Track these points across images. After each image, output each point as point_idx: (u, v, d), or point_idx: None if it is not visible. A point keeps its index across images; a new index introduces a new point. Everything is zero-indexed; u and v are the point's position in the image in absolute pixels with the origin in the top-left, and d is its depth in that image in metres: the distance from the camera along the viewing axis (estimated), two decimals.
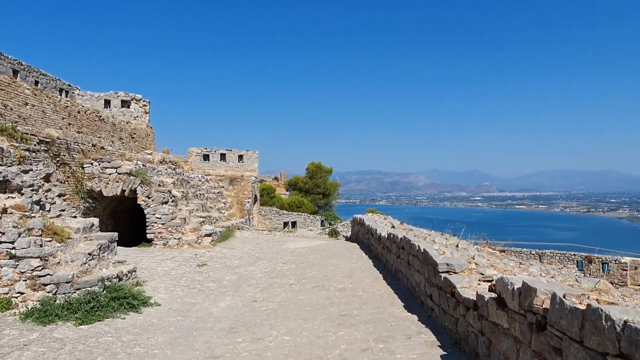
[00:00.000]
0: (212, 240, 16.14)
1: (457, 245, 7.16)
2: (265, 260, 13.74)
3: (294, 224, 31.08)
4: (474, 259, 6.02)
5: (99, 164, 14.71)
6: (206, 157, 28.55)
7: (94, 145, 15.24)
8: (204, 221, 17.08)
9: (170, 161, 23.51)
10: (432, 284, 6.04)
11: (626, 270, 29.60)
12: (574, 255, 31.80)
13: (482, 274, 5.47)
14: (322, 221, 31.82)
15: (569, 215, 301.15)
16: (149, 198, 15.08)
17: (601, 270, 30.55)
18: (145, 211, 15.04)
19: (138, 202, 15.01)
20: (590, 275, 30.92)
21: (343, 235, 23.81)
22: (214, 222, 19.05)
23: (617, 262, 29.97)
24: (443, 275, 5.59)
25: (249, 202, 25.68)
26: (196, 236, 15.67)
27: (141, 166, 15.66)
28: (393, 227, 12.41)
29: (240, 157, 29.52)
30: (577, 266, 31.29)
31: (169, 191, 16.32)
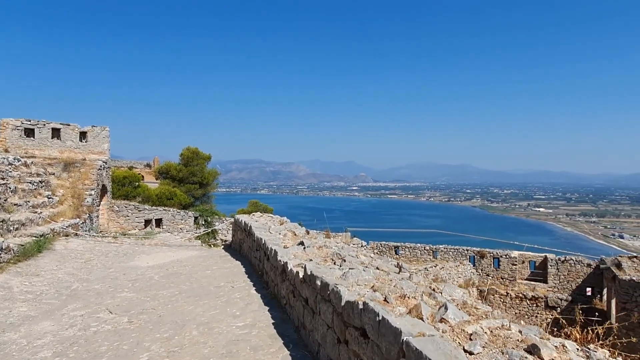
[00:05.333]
0: None
1: (489, 331, 2.56)
2: (82, 301, 7.95)
3: (159, 222, 24.57)
4: None
5: None
6: (30, 133, 20.59)
7: None
8: None
9: None
10: None
11: (516, 265, 29.18)
12: (467, 250, 30.67)
13: None
14: (195, 218, 25.81)
15: (433, 204, 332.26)
16: None
17: (492, 265, 29.83)
18: None
19: None
20: (482, 270, 30.06)
21: (221, 239, 18.45)
22: (17, 229, 12.33)
23: (507, 256, 29.39)
24: None
25: (91, 194, 18.75)
26: None
27: None
28: (301, 243, 7.60)
29: (83, 134, 22.04)
30: (470, 261, 30.22)
31: None
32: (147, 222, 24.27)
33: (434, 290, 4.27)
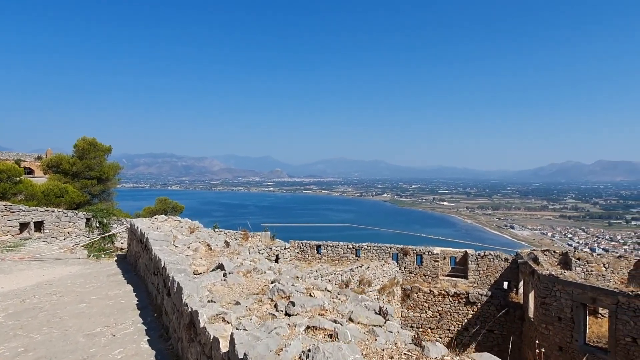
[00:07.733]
0: None
1: None
2: None
3: (39, 225, 20.25)
4: None
5: None
6: None
7: None
8: None
9: None
10: None
11: (438, 261, 28.93)
12: (390, 247, 29.86)
13: None
14: (88, 219, 21.78)
15: (346, 198, 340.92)
16: None
17: (415, 262, 29.33)
18: None
19: None
20: (405, 268, 29.45)
21: (119, 248, 15.15)
22: None
23: (429, 253, 29.04)
24: None
25: None
26: None
27: None
28: (221, 267, 5.21)
29: None
30: (393, 259, 29.47)
31: None
32: (24, 226, 19.86)
33: None
